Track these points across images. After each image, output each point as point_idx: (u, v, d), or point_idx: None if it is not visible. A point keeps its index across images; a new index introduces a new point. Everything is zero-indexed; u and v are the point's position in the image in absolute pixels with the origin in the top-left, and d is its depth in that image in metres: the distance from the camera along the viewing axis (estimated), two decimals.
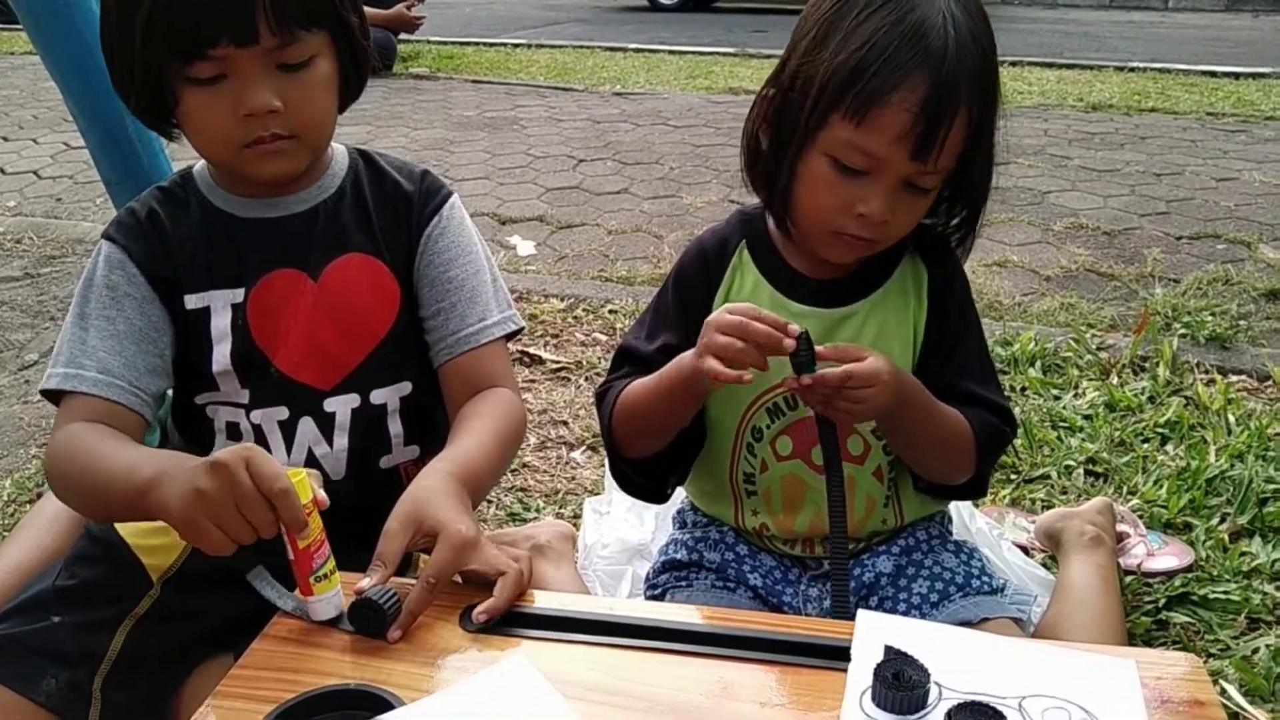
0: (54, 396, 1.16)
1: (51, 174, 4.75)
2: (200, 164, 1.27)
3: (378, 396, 1.25)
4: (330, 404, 1.23)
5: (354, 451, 1.24)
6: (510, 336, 1.30)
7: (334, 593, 0.98)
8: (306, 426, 1.23)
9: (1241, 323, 2.85)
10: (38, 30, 1.80)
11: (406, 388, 1.26)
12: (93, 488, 1.08)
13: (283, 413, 1.22)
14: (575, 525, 1.81)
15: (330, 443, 1.23)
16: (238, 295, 1.20)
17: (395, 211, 1.27)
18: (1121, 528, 1.78)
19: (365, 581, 0.97)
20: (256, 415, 1.22)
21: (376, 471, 1.26)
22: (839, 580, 1.14)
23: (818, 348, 1.08)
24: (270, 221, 1.23)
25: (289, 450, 1.23)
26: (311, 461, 1.23)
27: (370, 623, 0.95)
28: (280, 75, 1.10)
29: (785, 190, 1.16)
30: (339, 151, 1.29)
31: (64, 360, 1.16)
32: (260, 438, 1.22)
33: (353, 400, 1.23)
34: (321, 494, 0.96)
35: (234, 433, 1.23)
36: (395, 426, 1.26)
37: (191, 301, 1.21)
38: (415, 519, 1.02)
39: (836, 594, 1.14)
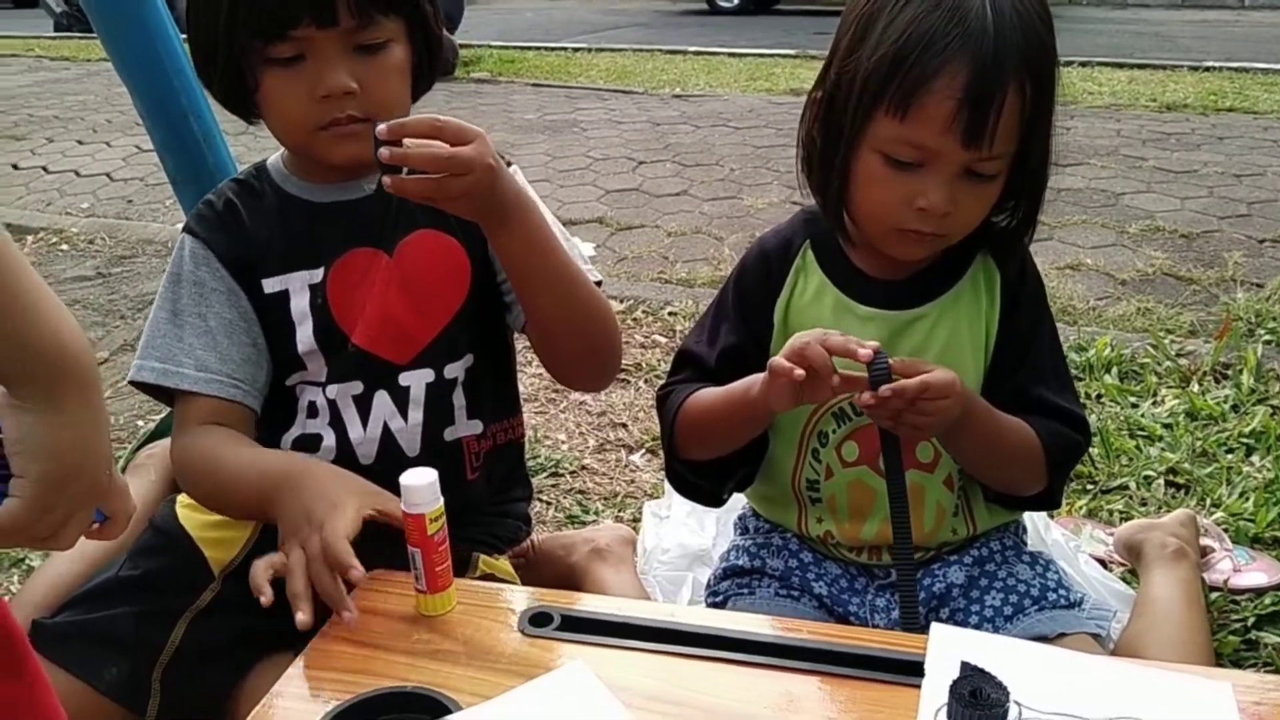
0: (149, 390, 1.21)
1: (124, 176, 4.88)
2: (274, 157, 1.29)
3: (450, 370, 1.25)
4: (405, 378, 1.23)
5: (426, 425, 1.24)
6: None
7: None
8: (382, 400, 1.23)
9: None
10: (106, 29, 1.83)
11: (470, 359, 1.26)
12: (220, 493, 1.16)
13: (357, 387, 1.22)
14: (634, 529, 1.79)
15: (405, 417, 1.23)
16: (316, 275, 1.21)
17: None
18: (1206, 542, 1.71)
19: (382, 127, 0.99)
20: (332, 390, 1.22)
21: (442, 444, 1.26)
22: (907, 595, 1.10)
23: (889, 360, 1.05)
24: (346, 204, 1.24)
25: (364, 425, 1.22)
26: (387, 436, 1.23)
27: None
28: (356, 58, 1.12)
29: (840, 192, 1.14)
30: None
31: (158, 355, 1.18)
32: (335, 413, 1.23)
33: (427, 375, 1.23)
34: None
35: (312, 410, 1.23)
36: (460, 399, 1.26)
37: (269, 285, 1.22)
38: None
39: (905, 607, 1.10)
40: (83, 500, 0.74)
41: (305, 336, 1.21)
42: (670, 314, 2.98)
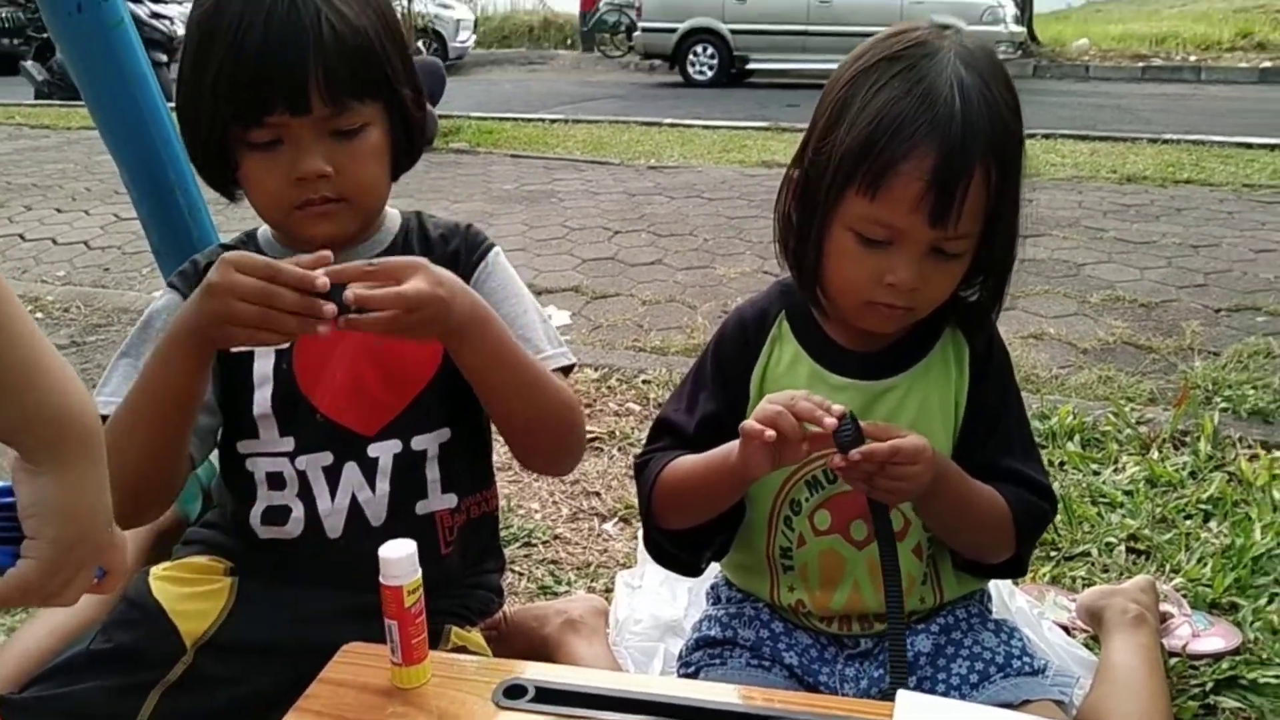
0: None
1: (101, 244, 4.89)
2: (265, 225, 1.32)
3: (419, 442, 1.26)
4: (374, 449, 1.24)
5: (394, 497, 1.25)
6: (565, 371, 1.31)
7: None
8: (350, 472, 1.24)
9: None
10: (97, 103, 1.86)
11: (446, 434, 1.27)
12: (130, 426, 1.10)
13: (327, 458, 1.24)
14: (607, 598, 1.80)
15: (373, 488, 1.24)
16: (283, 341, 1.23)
17: (443, 264, 1.29)
18: (1165, 607, 1.74)
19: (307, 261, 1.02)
20: (301, 461, 1.24)
21: (413, 517, 1.26)
22: (897, 656, 1.11)
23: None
24: None
25: (333, 496, 1.24)
26: (354, 507, 1.24)
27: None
28: (332, 142, 1.16)
29: (814, 267, 1.18)
30: (392, 214, 1.35)
31: (110, 390, 1.21)
32: (304, 484, 1.24)
33: (395, 446, 1.25)
34: None
35: (277, 482, 1.25)
36: (433, 473, 1.27)
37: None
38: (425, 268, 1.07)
39: (895, 668, 1.10)
40: (91, 558, 0.75)
41: (262, 399, 1.22)
42: (644, 382, 3.02)
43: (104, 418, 1.16)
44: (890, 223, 1.08)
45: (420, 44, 15.33)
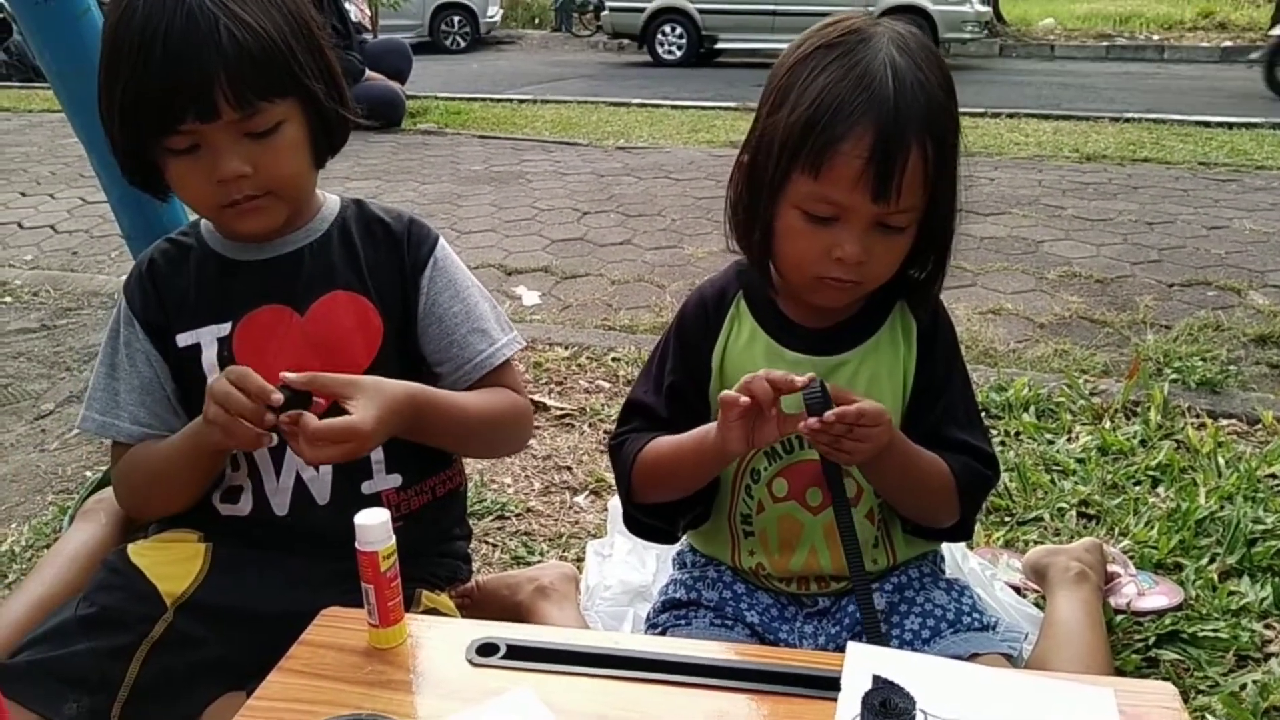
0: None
1: (68, 228, 4.85)
2: None
3: None
4: None
5: (337, 476, 1.31)
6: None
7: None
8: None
9: (1231, 368, 2.90)
10: (65, 91, 1.88)
11: None
12: (153, 475, 1.29)
13: (271, 439, 1.28)
14: (578, 567, 1.85)
15: (316, 467, 1.30)
16: (224, 329, 1.29)
17: (384, 252, 1.36)
18: (1112, 568, 1.81)
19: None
20: None
21: (360, 497, 1.32)
22: (866, 608, 1.17)
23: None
24: (259, 263, 1.32)
25: (278, 475, 1.30)
26: (299, 485, 1.30)
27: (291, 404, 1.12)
28: (249, 141, 1.20)
29: (764, 245, 1.23)
30: (330, 200, 1.39)
31: (99, 408, 1.30)
32: (253, 465, 1.30)
33: None
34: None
35: (233, 463, 1.32)
36: (376, 453, 1.32)
37: (183, 340, 1.30)
38: (363, 389, 1.17)
39: (866, 617, 1.17)
40: None
41: None
42: (614, 359, 3.06)
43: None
44: (834, 199, 1.13)
45: (456, 19, 15.57)
